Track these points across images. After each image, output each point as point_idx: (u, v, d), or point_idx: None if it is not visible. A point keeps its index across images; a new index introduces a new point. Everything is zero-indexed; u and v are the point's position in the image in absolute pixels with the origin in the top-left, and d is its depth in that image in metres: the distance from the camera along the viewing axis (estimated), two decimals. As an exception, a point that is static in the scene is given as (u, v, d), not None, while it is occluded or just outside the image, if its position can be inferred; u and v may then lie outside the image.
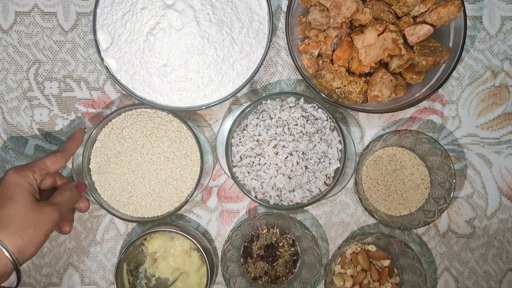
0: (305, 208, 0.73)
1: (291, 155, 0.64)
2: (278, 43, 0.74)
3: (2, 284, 0.53)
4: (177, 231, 0.65)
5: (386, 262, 0.70)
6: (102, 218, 0.73)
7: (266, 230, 0.72)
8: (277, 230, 0.72)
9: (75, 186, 0.62)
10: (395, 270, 0.70)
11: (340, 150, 0.67)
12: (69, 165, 0.71)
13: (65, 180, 0.65)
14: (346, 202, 0.73)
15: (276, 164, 0.65)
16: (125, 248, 0.64)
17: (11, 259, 0.51)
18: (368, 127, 0.73)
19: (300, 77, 0.73)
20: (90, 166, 0.67)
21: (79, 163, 0.66)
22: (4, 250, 0.51)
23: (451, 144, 0.73)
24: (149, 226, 0.70)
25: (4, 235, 0.51)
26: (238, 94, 0.73)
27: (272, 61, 0.74)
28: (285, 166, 0.65)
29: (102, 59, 0.64)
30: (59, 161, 0.61)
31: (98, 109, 0.73)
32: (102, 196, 0.67)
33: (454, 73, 0.73)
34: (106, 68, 0.64)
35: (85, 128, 0.71)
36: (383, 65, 0.67)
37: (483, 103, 0.73)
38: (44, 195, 0.60)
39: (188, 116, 0.73)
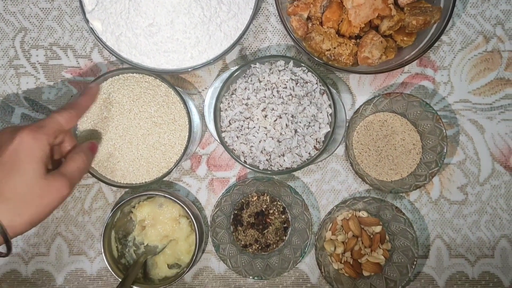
0: (295, 175, 0.72)
1: (280, 118, 0.64)
2: (267, 9, 0.73)
3: None
4: (166, 195, 0.64)
5: (378, 228, 0.69)
6: (90, 187, 0.72)
7: (256, 197, 0.71)
8: (267, 197, 0.71)
9: (88, 148, 0.55)
10: (387, 237, 0.70)
11: (330, 114, 0.66)
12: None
13: (74, 141, 0.57)
14: (337, 170, 0.72)
15: (265, 128, 0.64)
16: (112, 212, 0.63)
17: (3, 237, 0.45)
18: (359, 93, 0.72)
19: (290, 43, 0.72)
20: (76, 132, 0.66)
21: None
22: None
23: (443, 110, 0.72)
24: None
25: (1, 211, 0.44)
26: (227, 60, 0.72)
27: (261, 27, 0.73)
28: (274, 129, 0.64)
29: (87, 21, 0.63)
30: (73, 118, 0.53)
31: (85, 77, 0.72)
32: (89, 162, 0.66)
33: (446, 39, 0.72)
34: (92, 30, 0.62)
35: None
36: (373, 28, 0.66)
37: (475, 68, 0.72)
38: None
39: (177, 84, 0.72)
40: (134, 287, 0.63)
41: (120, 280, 0.62)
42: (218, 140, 0.66)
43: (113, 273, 0.63)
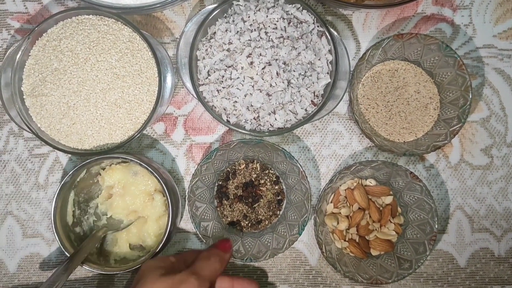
0: (290, 138, 0.61)
1: (270, 65, 0.52)
2: None
3: None
4: (142, 164, 0.53)
5: (388, 199, 0.58)
6: (45, 157, 0.60)
7: (244, 165, 0.60)
8: (258, 165, 0.60)
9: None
10: (399, 209, 0.59)
11: (331, 62, 0.55)
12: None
13: None
14: (339, 131, 0.61)
15: (252, 78, 0.52)
16: (75, 169, 0.52)
17: None
18: (364, 39, 0.61)
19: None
20: (22, 89, 0.54)
21: (7, 84, 0.53)
22: None
23: (463, 58, 0.61)
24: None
25: None
26: (205, 0, 0.60)
27: (246, -39, 0.60)
28: (263, 79, 0.52)
29: None
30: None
31: (35, 24, 0.60)
32: (39, 124, 0.54)
33: (466, -28, 0.61)
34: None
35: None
36: (381, -46, 0.54)
37: (502, 7, 0.61)
38: None
39: (147, 30, 0.60)
40: (84, 266, 0.52)
41: (68, 255, 0.51)
42: (196, 96, 0.54)
43: (58, 241, 0.52)
